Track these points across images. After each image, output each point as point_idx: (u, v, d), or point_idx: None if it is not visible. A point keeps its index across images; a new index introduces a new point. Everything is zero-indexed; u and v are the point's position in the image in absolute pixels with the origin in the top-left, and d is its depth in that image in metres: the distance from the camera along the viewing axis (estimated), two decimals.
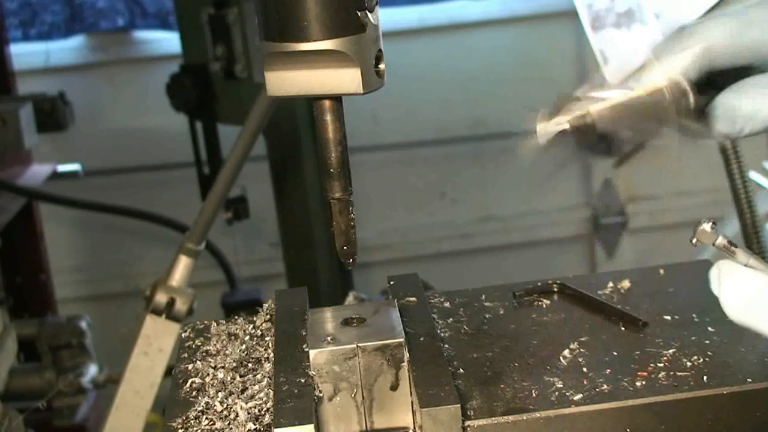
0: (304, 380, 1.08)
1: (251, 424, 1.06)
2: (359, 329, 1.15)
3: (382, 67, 1.07)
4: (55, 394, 2.73)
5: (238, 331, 1.27)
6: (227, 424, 1.07)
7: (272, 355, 1.18)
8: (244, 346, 1.23)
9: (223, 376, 1.17)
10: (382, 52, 1.07)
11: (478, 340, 1.22)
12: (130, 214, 3.26)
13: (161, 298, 1.99)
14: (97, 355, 2.89)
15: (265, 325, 1.27)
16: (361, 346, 1.11)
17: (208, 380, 1.16)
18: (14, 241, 3.05)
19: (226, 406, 1.10)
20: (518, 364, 1.15)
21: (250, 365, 1.19)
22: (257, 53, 2.64)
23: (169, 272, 2.02)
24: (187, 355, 1.24)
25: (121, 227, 3.92)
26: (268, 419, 1.06)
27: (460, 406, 1.02)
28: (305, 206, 2.83)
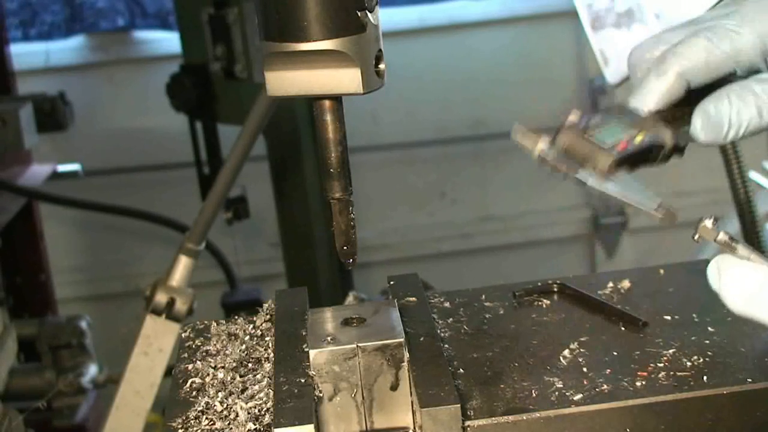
0: (304, 380, 1.08)
1: (251, 424, 1.06)
2: (359, 329, 1.15)
3: (382, 67, 1.07)
4: (55, 394, 2.73)
5: (238, 331, 1.27)
6: (227, 424, 1.07)
7: (272, 355, 1.18)
8: (244, 346, 1.23)
9: (223, 376, 1.16)
10: (382, 52, 1.07)
11: (478, 340, 1.22)
12: (130, 214, 3.26)
13: (161, 298, 1.99)
14: (97, 355, 2.89)
15: (265, 325, 1.27)
16: (361, 346, 1.11)
17: (208, 380, 1.16)
18: (14, 241, 3.05)
19: (226, 406, 1.10)
20: (518, 364, 1.15)
21: (250, 365, 1.18)
22: (257, 53, 2.64)
23: (169, 272, 2.02)
24: (187, 355, 1.24)
25: (121, 227, 3.92)
26: (268, 419, 1.06)
27: (460, 406, 1.02)
28: (305, 206, 2.83)
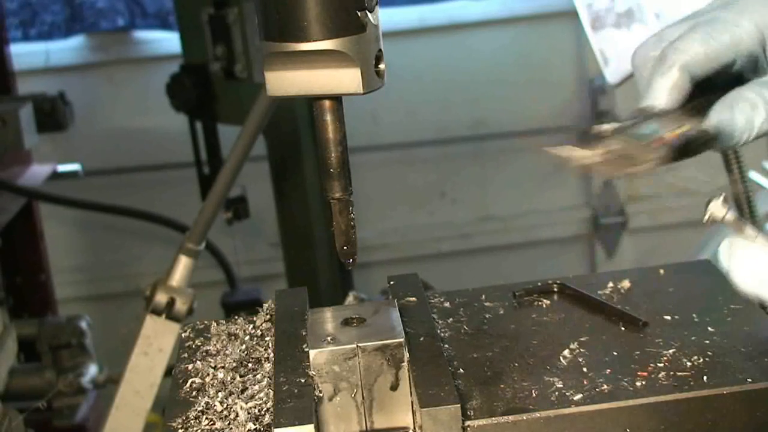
0: (304, 380, 1.08)
1: (251, 424, 1.06)
2: (359, 329, 1.15)
3: (382, 67, 1.07)
4: (55, 394, 2.73)
5: (238, 331, 1.27)
6: (227, 424, 1.07)
7: (272, 355, 1.18)
8: (244, 346, 1.23)
9: (223, 376, 1.16)
10: (382, 52, 1.07)
11: (478, 340, 1.22)
12: (130, 214, 3.27)
13: (161, 298, 1.99)
14: (97, 355, 2.89)
15: (265, 325, 1.27)
16: (361, 346, 1.11)
17: (208, 380, 1.16)
18: (14, 241, 3.05)
19: (226, 406, 1.10)
20: (518, 364, 1.15)
21: (250, 365, 1.18)
22: (257, 53, 2.64)
23: (169, 272, 2.02)
24: (187, 355, 1.24)
25: (121, 227, 3.92)
26: (268, 419, 1.06)
27: (460, 406, 1.02)
28: (305, 206, 2.84)
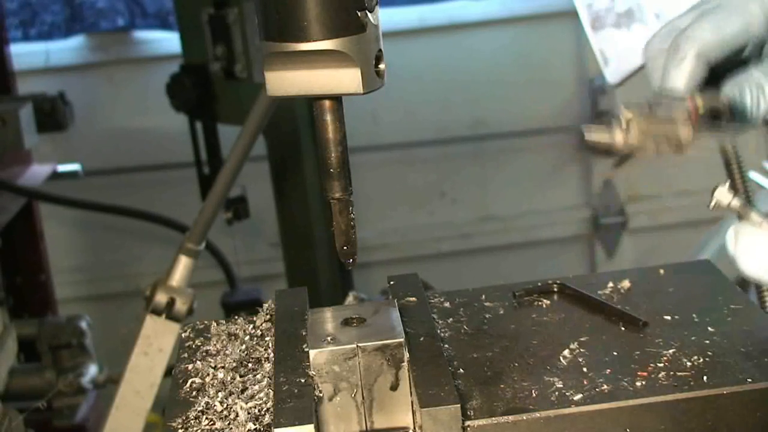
0: (304, 380, 1.08)
1: (251, 424, 1.06)
2: (359, 329, 1.15)
3: (382, 67, 1.07)
4: (55, 394, 2.73)
5: (238, 331, 1.27)
6: (227, 424, 1.07)
7: (272, 355, 1.18)
8: (244, 346, 1.23)
9: (223, 376, 1.16)
10: (382, 52, 1.07)
11: (478, 340, 1.22)
12: (130, 214, 3.26)
13: (161, 298, 1.99)
14: (97, 355, 2.89)
15: (265, 325, 1.27)
16: (361, 346, 1.11)
17: (208, 380, 1.16)
18: (14, 241, 3.05)
19: (226, 406, 1.10)
20: (518, 364, 1.15)
21: (250, 365, 1.18)
22: (257, 53, 2.64)
23: (169, 272, 2.02)
24: (187, 355, 1.24)
25: (121, 227, 3.92)
26: (268, 419, 1.06)
27: (460, 406, 1.02)
28: (305, 206, 2.84)
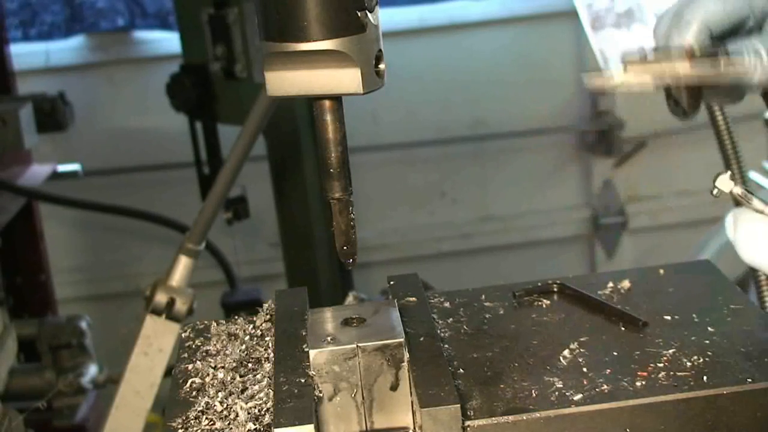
0: (304, 380, 1.08)
1: (251, 424, 1.06)
2: (359, 329, 1.15)
3: (382, 67, 1.07)
4: (55, 394, 2.73)
5: (238, 331, 1.27)
6: (227, 424, 1.07)
7: (272, 355, 1.18)
8: (244, 346, 1.23)
9: (223, 376, 1.16)
10: (382, 52, 1.07)
11: (478, 340, 1.22)
12: (130, 214, 3.26)
13: (161, 298, 1.99)
14: (97, 355, 2.89)
15: (265, 325, 1.27)
16: (361, 346, 1.11)
17: (208, 380, 1.16)
18: (14, 241, 3.04)
19: (226, 406, 1.10)
20: (518, 364, 1.15)
21: (250, 365, 1.18)
22: (257, 53, 2.64)
23: (169, 272, 2.02)
24: (187, 355, 1.24)
25: (121, 227, 3.92)
26: (268, 419, 1.06)
27: (460, 406, 1.02)
28: (305, 206, 2.83)
